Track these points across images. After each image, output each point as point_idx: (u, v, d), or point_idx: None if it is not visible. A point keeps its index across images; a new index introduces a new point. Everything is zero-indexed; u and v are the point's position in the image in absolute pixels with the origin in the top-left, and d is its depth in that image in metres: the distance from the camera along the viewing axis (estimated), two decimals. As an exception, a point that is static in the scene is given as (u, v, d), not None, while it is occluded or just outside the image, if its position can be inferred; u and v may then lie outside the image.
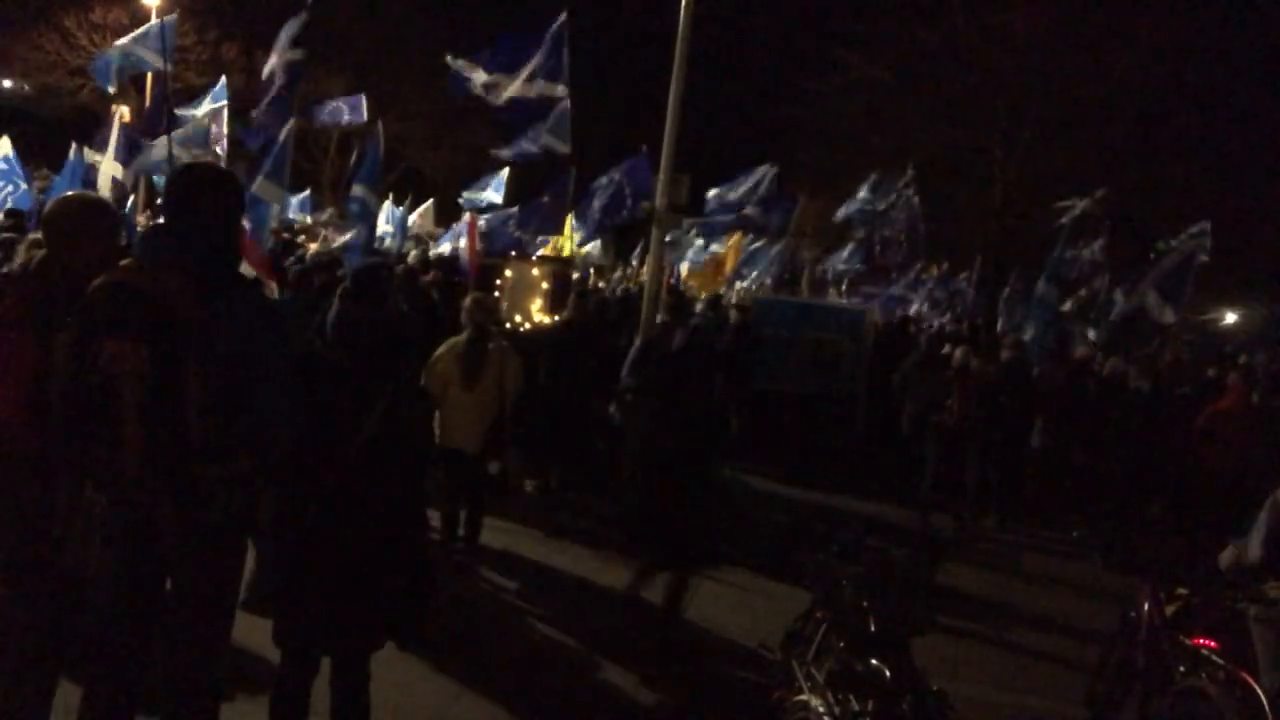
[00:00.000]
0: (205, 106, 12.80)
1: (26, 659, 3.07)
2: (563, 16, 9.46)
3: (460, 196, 17.09)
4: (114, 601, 2.79)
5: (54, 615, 3.08)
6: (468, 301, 6.27)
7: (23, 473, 2.99)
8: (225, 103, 12.98)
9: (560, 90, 9.52)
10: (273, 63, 10.13)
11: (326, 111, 15.28)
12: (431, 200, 19.75)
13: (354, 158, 17.64)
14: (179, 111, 11.74)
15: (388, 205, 19.16)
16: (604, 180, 10.55)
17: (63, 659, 3.17)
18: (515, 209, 12.44)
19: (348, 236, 9.09)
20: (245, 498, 2.83)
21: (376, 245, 14.78)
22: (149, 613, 2.84)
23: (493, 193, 15.92)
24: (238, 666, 3.85)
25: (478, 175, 16.76)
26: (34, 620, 3.07)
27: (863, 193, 16.90)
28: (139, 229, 8.52)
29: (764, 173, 15.66)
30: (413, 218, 19.25)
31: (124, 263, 2.84)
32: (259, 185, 9.06)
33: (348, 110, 14.75)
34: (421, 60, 28.83)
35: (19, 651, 3.06)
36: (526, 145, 9.93)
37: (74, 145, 10.92)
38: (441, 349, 6.08)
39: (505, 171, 15.98)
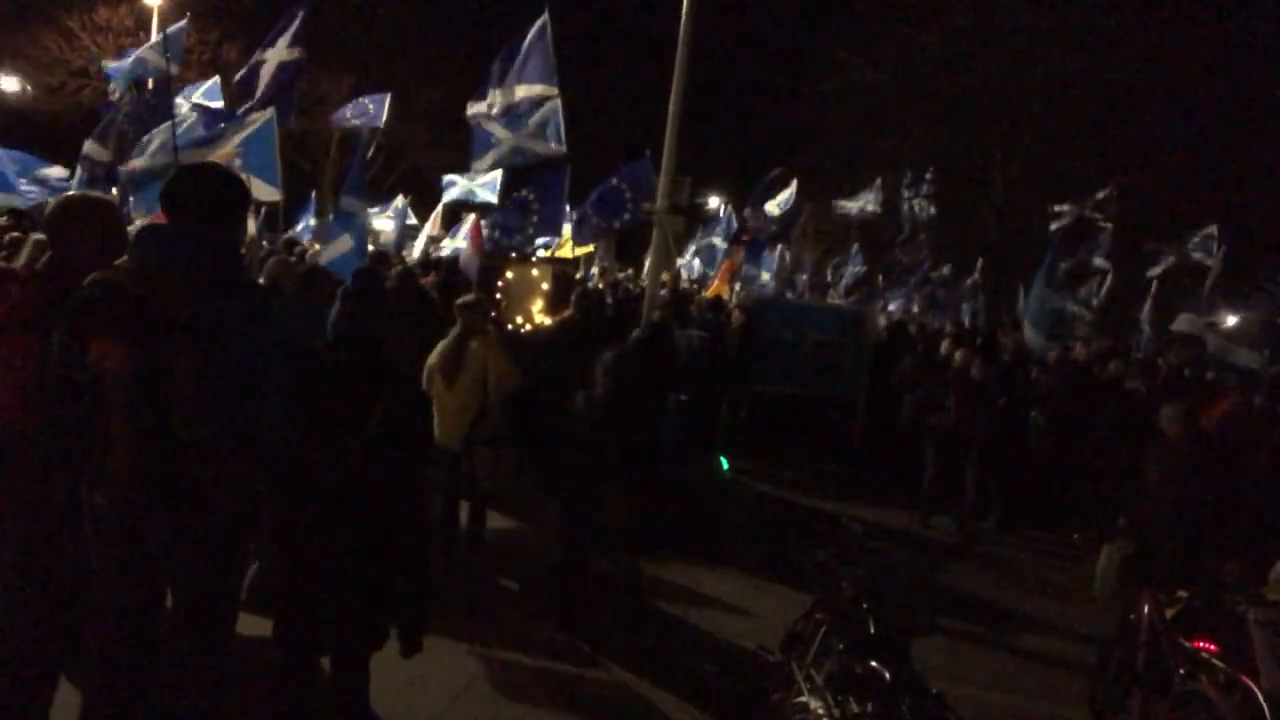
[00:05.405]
0: (195, 99, 12.71)
1: (26, 661, 3.07)
2: (544, 16, 9.42)
3: (445, 194, 16.91)
4: (114, 602, 2.79)
5: (54, 617, 3.08)
6: (458, 301, 6.34)
7: (25, 473, 2.99)
8: (220, 104, 12.90)
9: (549, 91, 9.46)
10: (264, 61, 9.98)
11: (350, 110, 15.16)
12: (441, 205, 19.77)
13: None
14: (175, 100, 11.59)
15: (398, 201, 19.14)
16: (604, 186, 10.51)
17: (63, 661, 3.17)
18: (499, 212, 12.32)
19: (340, 251, 8.96)
20: (241, 499, 2.82)
21: (381, 248, 14.74)
22: (150, 614, 2.84)
23: (487, 193, 15.80)
24: (238, 666, 3.84)
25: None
26: (34, 622, 3.07)
27: (867, 202, 16.94)
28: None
29: (776, 175, 15.72)
30: (426, 225, 19.22)
31: (118, 262, 2.83)
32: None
33: (370, 108, 14.63)
34: (421, 61, 28.87)
35: (19, 653, 3.06)
36: (511, 140, 9.77)
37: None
38: (437, 348, 6.14)
39: (499, 172, 15.89)
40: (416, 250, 17.27)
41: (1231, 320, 11.32)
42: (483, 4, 30.86)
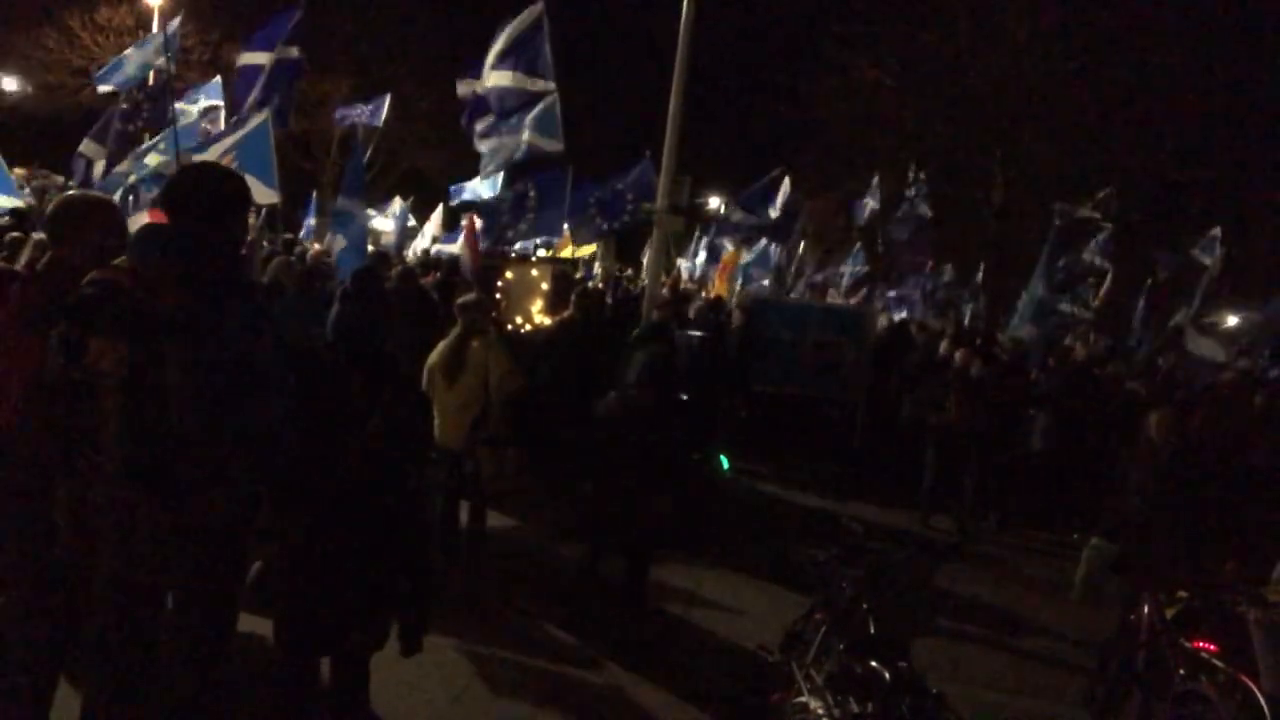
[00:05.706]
0: (201, 103, 12.73)
1: (26, 661, 3.07)
2: (539, 8, 9.30)
3: (453, 200, 16.96)
4: (113, 602, 2.79)
5: (54, 617, 3.08)
6: (458, 301, 6.34)
7: (25, 473, 2.99)
8: (220, 102, 12.91)
9: (544, 85, 9.37)
10: (261, 60, 9.95)
11: (350, 110, 15.22)
12: (441, 206, 19.74)
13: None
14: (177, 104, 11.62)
15: (397, 201, 19.14)
16: (607, 189, 10.49)
17: (63, 661, 3.17)
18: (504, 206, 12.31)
19: (336, 253, 8.94)
20: (238, 499, 2.82)
21: (381, 248, 14.75)
22: (149, 614, 2.84)
23: (486, 189, 15.79)
24: (238, 666, 3.85)
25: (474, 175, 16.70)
26: (34, 622, 3.07)
27: (870, 203, 16.95)
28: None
29: (774, 176, 15.71)
30: (426, 225, 19.20)
31: (116, 261, 2.83)
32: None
33: (369, 112, 14.73)
34: (422, 60, 28.86)
35: (19, 654, 3.06)
36: (511, 142, 9.69)
37: None
38: (437, 348, 6.14)
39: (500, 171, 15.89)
40: (417, 250, 17.29)
41: (1232, 320, 11.33)
42: (483, 4, 30.83)
